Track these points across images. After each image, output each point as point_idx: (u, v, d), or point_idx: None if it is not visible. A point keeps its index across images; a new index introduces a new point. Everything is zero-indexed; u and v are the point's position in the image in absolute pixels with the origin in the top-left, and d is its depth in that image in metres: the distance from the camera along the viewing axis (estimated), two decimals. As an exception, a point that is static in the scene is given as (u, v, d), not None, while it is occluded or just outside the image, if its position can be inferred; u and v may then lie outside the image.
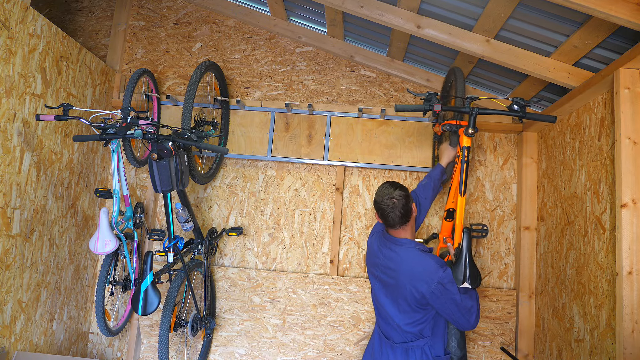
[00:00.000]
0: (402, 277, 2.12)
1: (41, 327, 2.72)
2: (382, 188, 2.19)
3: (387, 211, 2.14)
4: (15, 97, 2.40)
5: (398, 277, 2.14)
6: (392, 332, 2.24)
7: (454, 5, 2.45)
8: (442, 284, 2.02)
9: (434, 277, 2.03)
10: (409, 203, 2.15)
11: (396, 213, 2.13)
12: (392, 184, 2.20)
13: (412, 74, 3.37)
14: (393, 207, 2.12)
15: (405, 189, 2.19)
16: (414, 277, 2.08)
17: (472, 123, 2.24)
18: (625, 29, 2.04)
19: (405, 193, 2.16)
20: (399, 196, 2.13)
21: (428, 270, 2.05)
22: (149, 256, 2.35)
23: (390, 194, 2.13)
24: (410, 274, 2.09)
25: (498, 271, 3.18)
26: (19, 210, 2.47)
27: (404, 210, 2.13)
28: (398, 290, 2.15)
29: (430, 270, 2.05)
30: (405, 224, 2.18)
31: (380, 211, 2.17)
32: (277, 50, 3.56)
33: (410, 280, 2.09)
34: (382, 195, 2.16)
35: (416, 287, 2.06)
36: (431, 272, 2.05)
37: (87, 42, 3.73)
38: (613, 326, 2.09)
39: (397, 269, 2.15)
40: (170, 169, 2.40)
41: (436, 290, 2.02)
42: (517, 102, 2.21)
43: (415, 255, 2.13)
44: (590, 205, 2.37)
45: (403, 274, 2.12)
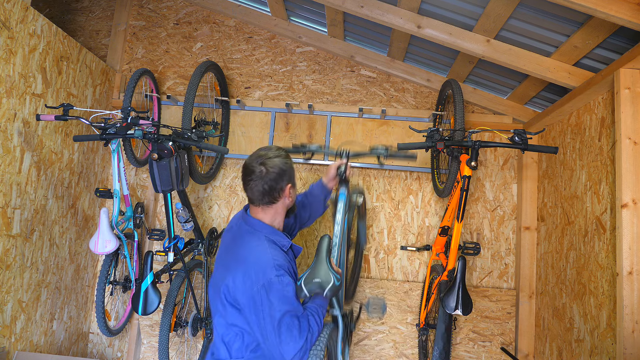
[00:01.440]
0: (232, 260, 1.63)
1: (41, 327, 2.72)
2: (261, 148, 1.72)
3: (250, 177, 1.65)
4: (15, 97, 2.40)
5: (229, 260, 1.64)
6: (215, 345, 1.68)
7: (454, 5, 2.45)
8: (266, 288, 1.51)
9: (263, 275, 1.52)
10: (281, 180, 1.65)
11: (258, 185, 1.63)
12: (279, 148, 1.72)
13: (413, 74, 3.37)
14: (259, 176, 1.63)
15: (288, 161, 1.68)
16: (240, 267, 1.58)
17: (475, 156, 2.21)
18: (626, 29, 2.03)
19: (283, 167, 1.65)
20: (273, 166, 1.63)
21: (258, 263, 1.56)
22: (149, 256, 2.35)
23: (263, 158, 1.64)
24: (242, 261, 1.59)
25: (498, 271, 3.18)
26: (19, 210, 2.47)
27: (268, 186, 1.63)
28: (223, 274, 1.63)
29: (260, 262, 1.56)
30: (267, 205, 1.67)
31: (243, 175, 1.68)
32: (277, 50, 3.56)
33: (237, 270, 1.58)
34: (255, 155, 1.68)
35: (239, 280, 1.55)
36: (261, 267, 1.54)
37: (87, 42, 3.73)
38: (613, 326, 2.09)
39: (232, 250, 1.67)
40: (171, 169, 2.40)
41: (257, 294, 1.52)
42: (519, 133, 2.20)
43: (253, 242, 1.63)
44: (591, 205, 2.37)
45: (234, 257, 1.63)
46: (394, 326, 3.08)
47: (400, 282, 3.15)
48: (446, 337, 2.33)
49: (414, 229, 3.26)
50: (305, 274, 1.63)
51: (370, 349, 3.07)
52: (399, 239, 3.26)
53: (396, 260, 3.24)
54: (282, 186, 1.67)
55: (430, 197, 3.28)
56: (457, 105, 2.64)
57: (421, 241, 3.25)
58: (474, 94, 3.27)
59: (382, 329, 3.09)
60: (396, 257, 3.25)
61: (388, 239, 3.26)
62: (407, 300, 3.09)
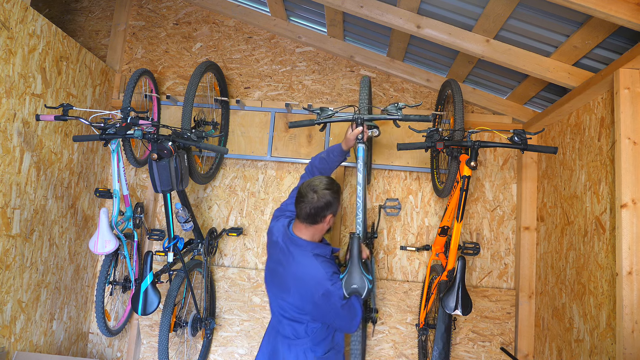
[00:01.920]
0: (290, 279, 2.02)
1: (41, 327, 2.72)
2: (318, 179, 2.05)
3: (303, 199, 1.99)
4: (15, 97, 2.40)
5: (286, 276, 2.03)
6: (282, 325, 2.12)
7: (454, 5, 2.45)
8: (324, 295, 1.94)
9: (320, 287, 1.94)
10: (326, 209, 2.00)
11: (307, 208, 1.98)
12: (332, 181, 2.06)
13: (412, 74, 3.37)
14: (310, 201, 1.98)
15: (336, 195, 2.03)
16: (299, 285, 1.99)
17: (474, 156, 2.21)
18: (625, 29, 2.03)
19: (330, 199, 1.99)
20: (321, 197, 1.98)
21: (314, 278, 1.96)
22: (148, 256, 2.35)
23: (316, 189, 1.99)
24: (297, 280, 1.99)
25: (498, 271, 3.18)
26: (18, 210, 2.47)
27: (314, 211, 1.98)
28: (284, 286, 2.05)
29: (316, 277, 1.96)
30: (310, 225, 2.02)
31: (299, 195, 2.03)
32: (277, 51, 3.56)
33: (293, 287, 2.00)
34: (311, 182, 2.03)
35: (299, 295, 1.98)
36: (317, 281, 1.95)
37: (87, 42, 3.73)
38: (613, 326, 2.09)
39: (285, 269, 2.04)
40: (170, 169, 2.40)
41: (319, 301, 1.94)
42: (518, 133, 2.20)
43: (305, 262, 2.01)
44: (590, 205, 2.37)
45: (289, 278, 2.02)
46: (393, 326, 3.08)
47: (400, 282, 3.15)
48: (446, 337, 2.33)
49: (414, 229, 3.26)
50: (344, 279, 1.99)
51: (369, 349, 3.07)
52: (398, 239, 3.26)
53: (396, 260, 3.25)
54: (325, 214, 2.01)
55: (429, 197, 3.28)
56: (457, 105, 2.64)
57: (421, 241, 3.25)
58: (473, 94, 3.27)
59: (381, 329, 3.09)
60: (396, 257, 3.25)
61: (387, 238, 3.26)
62: (407, 300, 3.09)
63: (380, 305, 3.10)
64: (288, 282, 2.02)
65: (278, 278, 2.08)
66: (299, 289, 1.99)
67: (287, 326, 2.10)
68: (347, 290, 1.97)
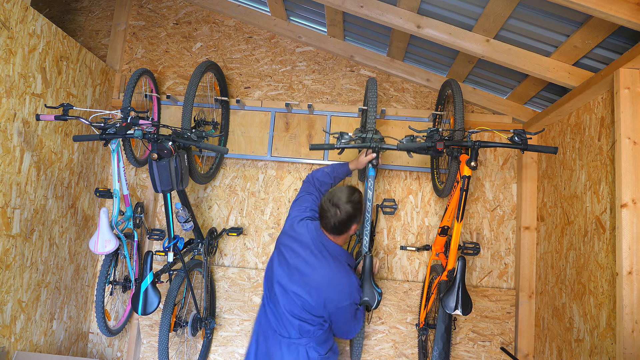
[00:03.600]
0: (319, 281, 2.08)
1: (41, 327, 2.72)
2: (339, 191, 2.15)
3: (326, 214, 2.11)
4: (15, 97, 2.40)
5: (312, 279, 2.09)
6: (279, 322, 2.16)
7: (454, 5, 2.45)
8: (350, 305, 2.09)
9: (350, 296, 2.09)
10: (350, 222, 2.12)
11: (331, 222, 2.10)
12: (352, 192, 2.15)
13: (412, 74, 3.37)
14: (334, 215, 2.10)
15: (358, 206, 2.13)
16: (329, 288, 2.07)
17: (474, 156, 2.21)
18: (625, 28, 2.04)
19: (352, 212, 2.10)
20: (344, 211, 2.09)
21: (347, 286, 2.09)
22: (149, 256, 2.35)
23: (337, 204, 2.09)
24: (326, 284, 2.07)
25: (498, 271, 3.18)
26: (19, 210, 2.47)
27: (339, 224, 2.10)
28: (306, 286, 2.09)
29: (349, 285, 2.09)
30: (336, 235, 2.16)
31: (321, 210, 2.15)
32: (277, 50, 3.56)
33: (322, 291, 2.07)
34: (333, 197, 2.12)
35: (323, 299, 2.06)
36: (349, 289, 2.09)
37: (87, 42, 3.73)
38: (613, 326, 2.09)
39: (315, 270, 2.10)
40: (170, 169, 2.40)
41: (343, 309, 2.08)
42: (518, 133, 2.20)
43: (340, 269, 2.11)
44: (590, 205, 2.37)
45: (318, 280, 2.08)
46: (393, 326, 3.08)
47: (400, 281, 3.15)
48: (446, 337, 2.33)
49: (414, 229, 3.26)
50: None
51: (369, 349, 3.07)
52: (398, 239, 3.26)
53: (396, 260, 3.24)
54: (350, 226, 2.13)
55: (429, 197, 3.28)
56: (457, 105, 2.64)
57: (421, 241, 3.25)
58: (473, 94, 3.27)
59: (381, 328, 3.09)
60: (396, 256, 3.25)
61: (388, 238, 3.26)
62: (407, 300, 3.09)
63: (381, 305, 3.10)
64: (313, 283, 2.07)
65: (299, 276, 2.11)
66: (327, 293, 2.06)
67: (291, 325, 2.12)
68: (359, 302, 2.20)
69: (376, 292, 2.26)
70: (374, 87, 2.66)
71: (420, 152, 2.36)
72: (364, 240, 2.43)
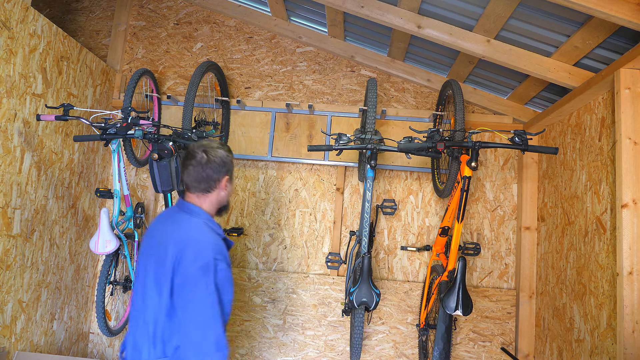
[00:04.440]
0: (171, 245, 1.58)
1: (41, 327, 2.72)
2: (210, 141, 1.75)
3: (190, 162, 1.67)
4: (15, 97, 2.41)
5: (167, 248, 1.58)
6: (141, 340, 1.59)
7: (455, 6, 2.45)
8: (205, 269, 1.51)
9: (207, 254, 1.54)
10: (219, 172, 1.67)
11: (197, 171, 1.65)
12: (224, 145, 1.75)
13: (413, 74, 3.37)
14: (199, 162, 1.65)
15: (229, 155, 1.72)
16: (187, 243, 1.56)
17: (475, 157, 2.21)
18: (626, 29, 2.04)
19: (225, 160, 1.68)
20: (214, 156, 1.66)
21: (207, 244, 1.57)
22: (149, 256, 2.34)
23: (206, 147, 1.67)
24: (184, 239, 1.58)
25: (498, 271, 3.18)
26: (19, 210, 2.47)
27: (205, 174, 1.65)
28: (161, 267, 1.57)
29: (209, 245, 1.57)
30: (202, 193, 1.68)
31: (184, 160, 1.69)
32: (277, 51, 3.57)
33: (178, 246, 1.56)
34: (199, 144, 1.70)
35: (183, 252, 1.54)
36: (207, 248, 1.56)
37: (87, 42, 3.73)
38: (613, 326, 2.09)
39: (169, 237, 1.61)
40: (171, 169, 2.40)
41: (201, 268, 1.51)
42: (519, 134, 2.20)
43: (201, 226, 1.63)
44: (591, 205, 2.37)
45: (174, 241, 1.58)
46: (394, 326, 3.08)
47: (401, 282, 3.15)
48: (446, 338, 2.33)
49: (414, 229, 3.26)
50: (355, 292, 2.25)
51: (370, 349, 3.07)
52: (399, 239, 3.26)
53: (396, 261, 3.24)
54: (219, 177, 1.69)
55: (430, 198, 3.28)
56: (458, 106, 2.64)
57: (421, 241, 3.25)
58: (474, 94, 3.27)
59: (382, 329, 3.09)
60: (396, 257, 3.25)
61: (388, 239, 3.26)
62: (407, 300, 3.09)
63: (381, 305, 3.10)
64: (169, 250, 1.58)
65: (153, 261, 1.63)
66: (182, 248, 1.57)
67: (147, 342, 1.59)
68: (357, 302, 2.22)
69: (374, 293, 2.25)
70: (373, 88, 2.66)
71: (421, 153, 2.35)
72: (363, 241, 2.42)
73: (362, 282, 2.27)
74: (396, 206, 3.19)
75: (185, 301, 1.52)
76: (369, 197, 2.42)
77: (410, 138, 2.38)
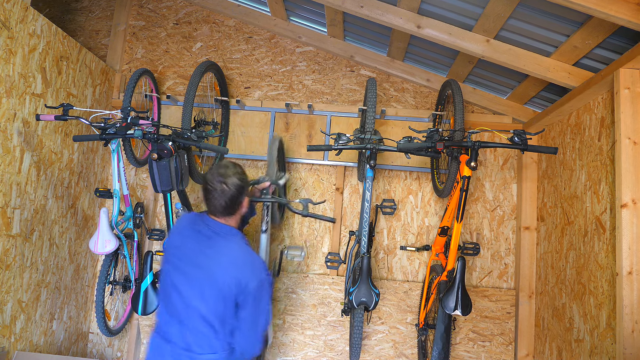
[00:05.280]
0: (218, 268, 1.82)
1: (41, 327, 2.72)
2: (219, 166, 1.90)
3: (212, 195, 1.85)
4: (15, 97, 2.40)
5: (211, 267, 1.82)
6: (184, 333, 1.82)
7: (454, 5, 2.45)
8: (262, 285, 1.82)
9: (261, 274, 1.84)
10: (241, 196, 1.88)
11: (221, 202, 1.85)
12: (235, 165, 1.92)
13: (412, 74, 3.37)
14: (221, 193, 1.84)
15: (244, 177, 1.92)
16: (237, 268, 1.81)
17: (474, 156, 2.21)
18: (625, 29, 2.03)
19: (241, 183, 1.88)
20: (232, 184, 1.84)
21: (256, 265, 1.85)
22: (149, 256, 2.35)
23: (223, 177, 1.84)
24: (232, 264, 1.82)
25: (498, 271, 3.18)
26: (19, 210, 2.47)
27: (230, 202, 1.85)
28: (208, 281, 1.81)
29: (258, 266, 1.86)
30: (229, 216, 1.90)
31: (205, 192, 1.88)
32: (277, 50, 3.56)
33: (229, 271, 1.80)
34: (215, 174, 1.86)
35: (237, 277, 1.79)
36: (258, 269, 1.85)
37: (87, 42, 3.73)
38: (613, 326, 2.10)
39: (212, 258, 1.84)
40: (170, 169, 2.40)
41: (257, 286, 1.81)
42: (518, 134, 2.20)
43: (241, 247, 1.89)
44: (590, 205, 2.37)
45: (220, 265, 1.82)
46: (393, 326, 3.08)
47: (400, 282, 3.15)
48: (445, 337, 2.33)
49: (414, 229, 3.26)
50: (355, 292, 2.25)
51: (369, 349, 3.07)
52: (398, 239, 3.26)
53: (396, 260, 3.25)
54: (240, 201, 1.91)
55: (429, 197, 3.28)
56: (457, 106, 2.64)
57: (421, 241, 3.25)
58: (473, 94, 3.27)
59: (381, 328, 3.09)
60: (396, 257, 3.25)
61: (388, 238, 3.27)
62: (407, 300, 3.09)
63: (381, 305, 3.10)
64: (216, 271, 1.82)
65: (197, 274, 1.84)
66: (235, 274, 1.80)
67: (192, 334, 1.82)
68: (356, 302, 2.22)
69: (374, 293, 2.25)
70: (373, 88, 2.66)
71: (420, 152, 2.35)
72: (362, 241, 2.42)
73: (362, 282, 2.27)
74: (395, 206, 3.19)
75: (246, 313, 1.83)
76: (368, 197, 2.42)
77: (409, 138, 2.38)
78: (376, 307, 2.30)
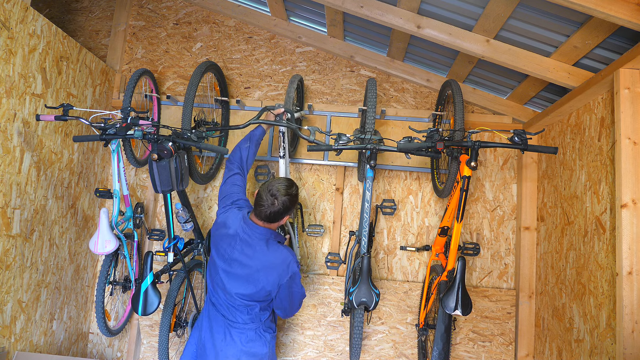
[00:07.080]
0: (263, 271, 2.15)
1: (41, 327, 2.72)
2: (277, 181, 2.17)
3: (262, 204, 2.12)
4: (15, 97, 2.40)
5: (252, 266, 2.16)
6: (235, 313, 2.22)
7: (454, 6, 2.45)
8: (293, 277, 2.17)
9: (293, 268, 2.17)
10: (284, 213, 2.15)
11: (266, 212, 2.13)
12: (290, 185, 2.18)
13: (412, 74, 3.37)
14: (270, 205, 2.11)
15: (295, 199, 2.18)
16: (273, 270, 2.14)
17: (474, 156, 2.21)
18: (625, 29, 2.04)
19: (289, 205, 2.15)
20: (281, 202, 2.12)
21: (288, 262, 2.16)
22: (149, 256, 2.35)
23: (276, 195, 2.12)
24: (268, 268, 2.14)
25: (498, 271, 3.18)
26: (19, 210, 2.47)
27: (274, 215, 2.13)
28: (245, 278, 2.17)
29: (290, 262, 2.17)
30: (268, 224, 2.18)
31: (258, 197, 2.15)
32: (277, 51, 3.56)
33: (266, 275, 2.14)
34: (271, 187, 2.14)
35: (273, 279, 2.14)
36: (291, 264, 2.17)
37: (87, 42, 3.73)
38: (613, 326, 2.10)
39: (253, 257, 2.16)
40: (170, 169, 2.40)
41: (284, 284, 2.16)
42: (518, 134, 2.20)
43: (276, 249, 2.19)
44: (590, 205, 2.37)
45: (265, 269, 2.15)
46: (393, 326, 3.08)
47: (400, 282, 3.15)
48: (445, 338, 2.33)
49: (414, 229, 3.26)
50: (355, 292, 2.27)
51: (369, 349, 3.07)
52: (398, 239, 3.26)
53: (396, 260, 3.25)
54: (283, 217, 2.17)
55: (429, 197, 3.28)
56: (457, 106, 2.64)
57: (421, 241, 3.25)
58: (473, 94, 3.27)
59: (381, 329, 3.09)
60: (396, 257, 3.25)
61: (387, 239, 3.26)
62: (407, 300, 3.09)
63: (381, 305, 3.10)
64: (253, 272, 2.16)
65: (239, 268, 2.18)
66: (267, 277, 2.14)
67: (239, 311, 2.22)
68: (356, 302, 2.24)
69: (374, 293, 2.25)
70: (373, 88, 2.66)
71: (420, 152, 2.35)
72: (362, 241, 2.42)
73: (362, 282, 2.28)
74: (396, 206, 3.20)
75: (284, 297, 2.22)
76: (368, 197, 2.42)
77: (409, 138, 2.38)
78: (376, 307, 2.31)
